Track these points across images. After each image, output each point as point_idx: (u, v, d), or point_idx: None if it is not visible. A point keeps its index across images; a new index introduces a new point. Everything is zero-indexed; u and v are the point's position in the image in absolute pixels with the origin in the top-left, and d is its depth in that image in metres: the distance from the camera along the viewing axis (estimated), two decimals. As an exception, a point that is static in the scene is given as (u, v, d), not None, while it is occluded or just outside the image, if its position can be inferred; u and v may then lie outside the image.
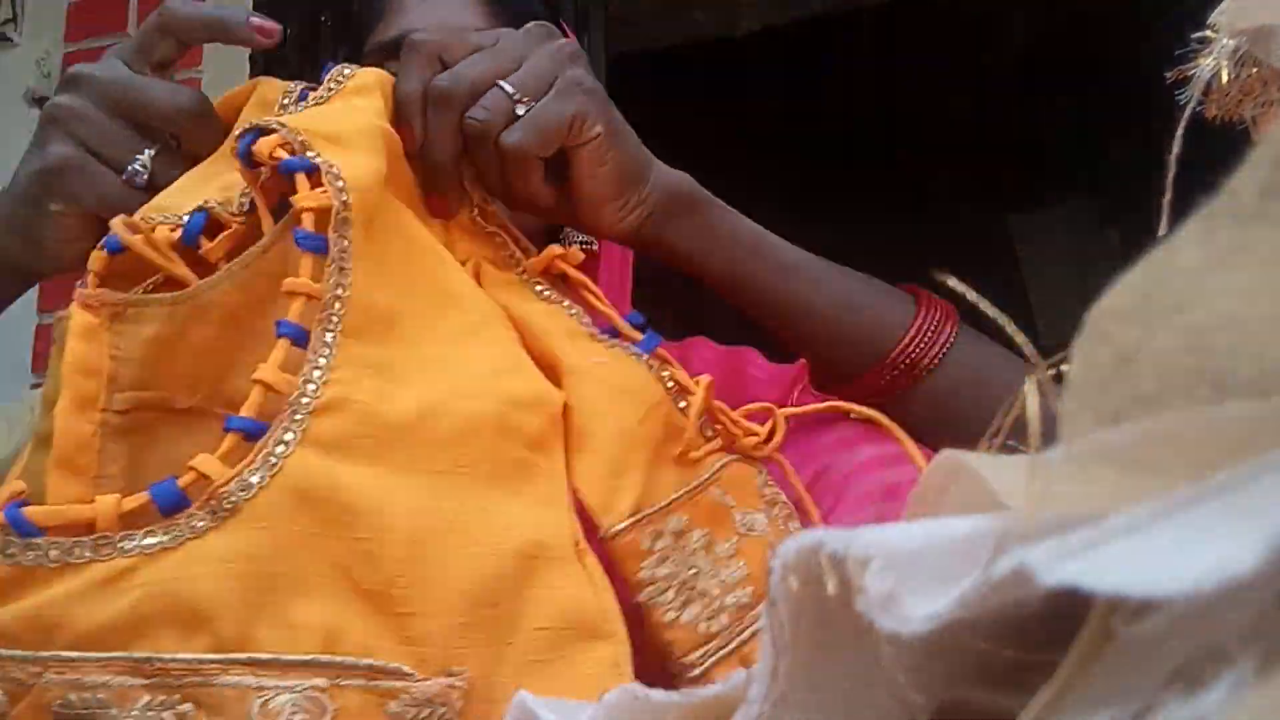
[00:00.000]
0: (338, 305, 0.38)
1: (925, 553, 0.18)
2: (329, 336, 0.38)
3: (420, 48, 0.50)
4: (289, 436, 0.36)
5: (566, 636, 0.37)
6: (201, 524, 0.34)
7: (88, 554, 0.33)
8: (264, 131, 0.41)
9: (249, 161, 0.40)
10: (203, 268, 0.41)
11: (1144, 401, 0.17)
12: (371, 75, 0.48)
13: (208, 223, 0.41)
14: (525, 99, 0.48)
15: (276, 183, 0.41)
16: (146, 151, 0.45)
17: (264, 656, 0.32)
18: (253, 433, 0.36)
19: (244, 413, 0.36)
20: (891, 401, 0.56)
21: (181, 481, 0.35)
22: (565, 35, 0.75)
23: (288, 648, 0.33)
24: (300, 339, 0.38)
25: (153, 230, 0.40)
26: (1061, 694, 0.16)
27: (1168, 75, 0.39)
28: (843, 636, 0.19)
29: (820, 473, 0.54)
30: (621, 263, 0.76)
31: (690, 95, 3.21)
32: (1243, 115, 0.39)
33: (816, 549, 0.19)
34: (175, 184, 0.44)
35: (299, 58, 1.65)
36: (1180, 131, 0.33)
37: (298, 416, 0.36)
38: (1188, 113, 0.36)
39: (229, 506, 0.34)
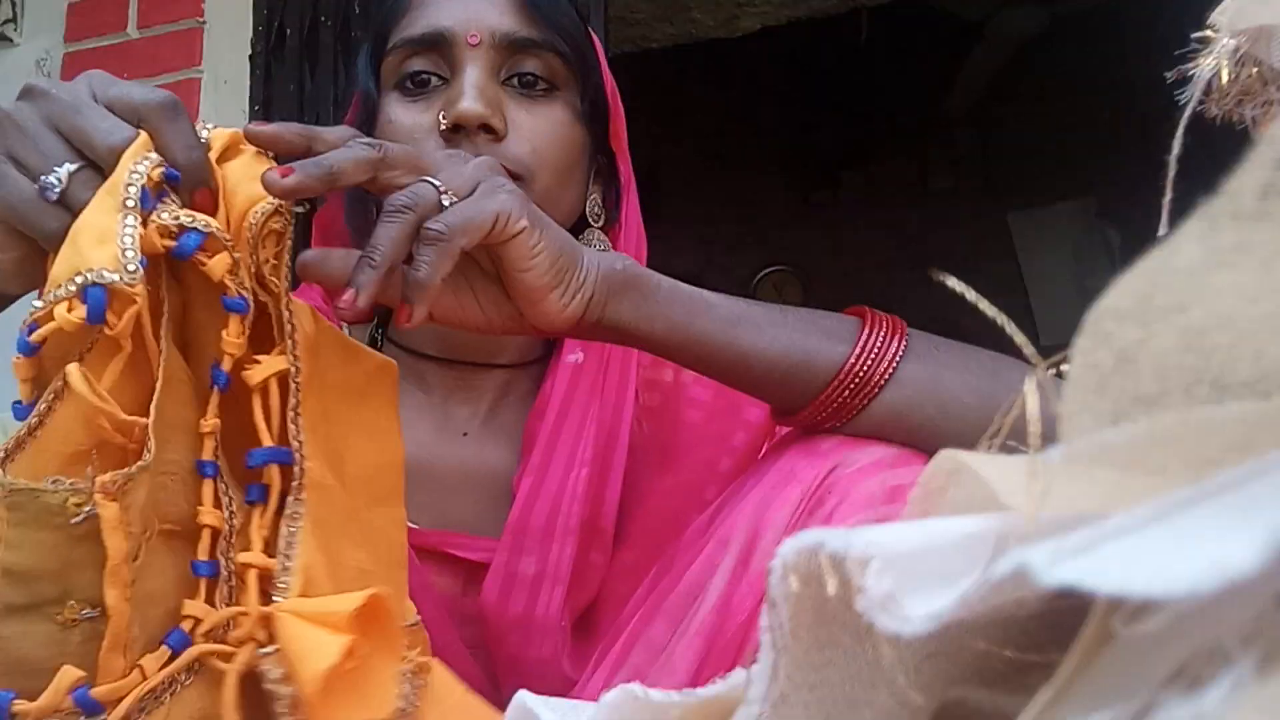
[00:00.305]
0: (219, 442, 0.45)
1: (925, 553, 0.18)
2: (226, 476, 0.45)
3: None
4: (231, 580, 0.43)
5: None
6: (181, 684, 0.41)
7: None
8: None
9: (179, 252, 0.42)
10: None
11: (1144, 401, 0.17)
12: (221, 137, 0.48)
13: (109, 297, 0.41)
14: (450, 193, 0.50)
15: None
16: (66, 166, 0.44)
17: None
18: (213, 574, 0.43)
19: (201, 556, 0.43)
20: (853, 420, 0.57)
21: (185, 627, 0.42)
22: (592, 40, 0.74)
23: None
24: (215, 476, 0.44)
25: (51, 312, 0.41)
26: (1061, 694, 0.16)
27: (1168, 75, 0.39)
28: (843, 636, 0.19)
29: (831, 471, 0.55)
30: None
31: (690, 95, 3.21)
32: (1243, 115, 0.39)
33: (816, 549, 0.19)
34: (69, 240, 0.43)
35: (299, 56, 1.65)
36: (1180, 131, 0.33)
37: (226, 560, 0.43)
38: (1188, 113, 0.36)
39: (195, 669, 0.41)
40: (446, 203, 0.50)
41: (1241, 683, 0.14)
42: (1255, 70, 0.37)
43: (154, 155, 0.43)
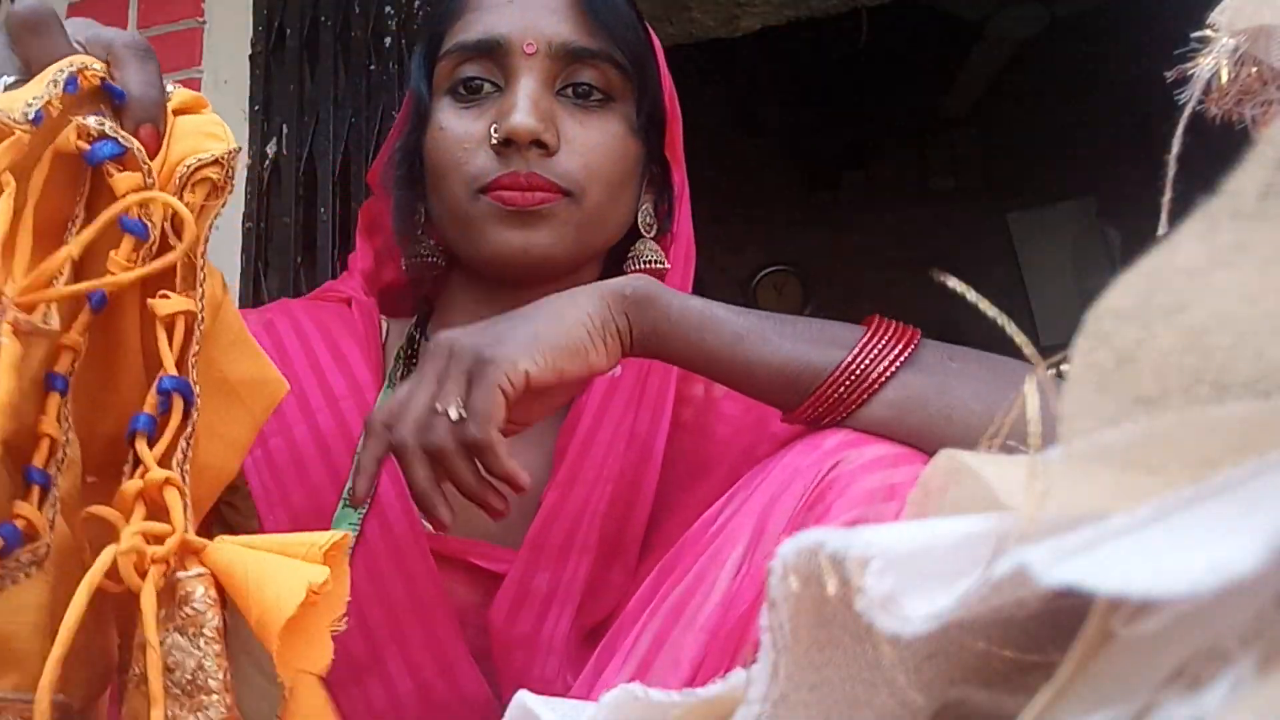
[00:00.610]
0: (77, 361, 0.43)
1: (925, 553, 0.18)
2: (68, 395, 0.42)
3: (371, 426, 0.55)
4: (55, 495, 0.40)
5: None
6: (14, 578, 0.38)
7: None
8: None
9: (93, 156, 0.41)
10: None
11: (1144, 401, 0.17)
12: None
13: None
14: (451, 405, 0.53)
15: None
16: (3, 78, 0.44)
17: (63, 700, 0.37)
18: (44, 484, 0.40)
19: (37, 463, 0.40)
20: (851, 416, 0.57)
21: (19, 525, 0.39)
22: (653, 47, 0.73)
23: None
24: (63, 391, 0.41)
25: None
26: (1061, 694, 0.16)
27: (1168, 75, 0.39)
28: (843, 637, 0.19)
29: (833, 467, 0.55)
30: (680, 290, 0.76)
31: (690, 95, 3.22)
32: (1242, 115, 0.39)
33: (816, 549, 0.19)
34: None
35: (299, 56, 1.65)
36: (1180, 131, 0.33)
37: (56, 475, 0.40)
38: (1187, 113, 0.36)
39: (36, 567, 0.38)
40: (454, 415, 0.53)
41: (1241, 683, 0.14)
42: (1255, 70, 0.37)
43: (99, 65, 0.42)
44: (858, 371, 0.57)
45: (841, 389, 0.57)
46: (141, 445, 0.41)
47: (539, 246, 0.66)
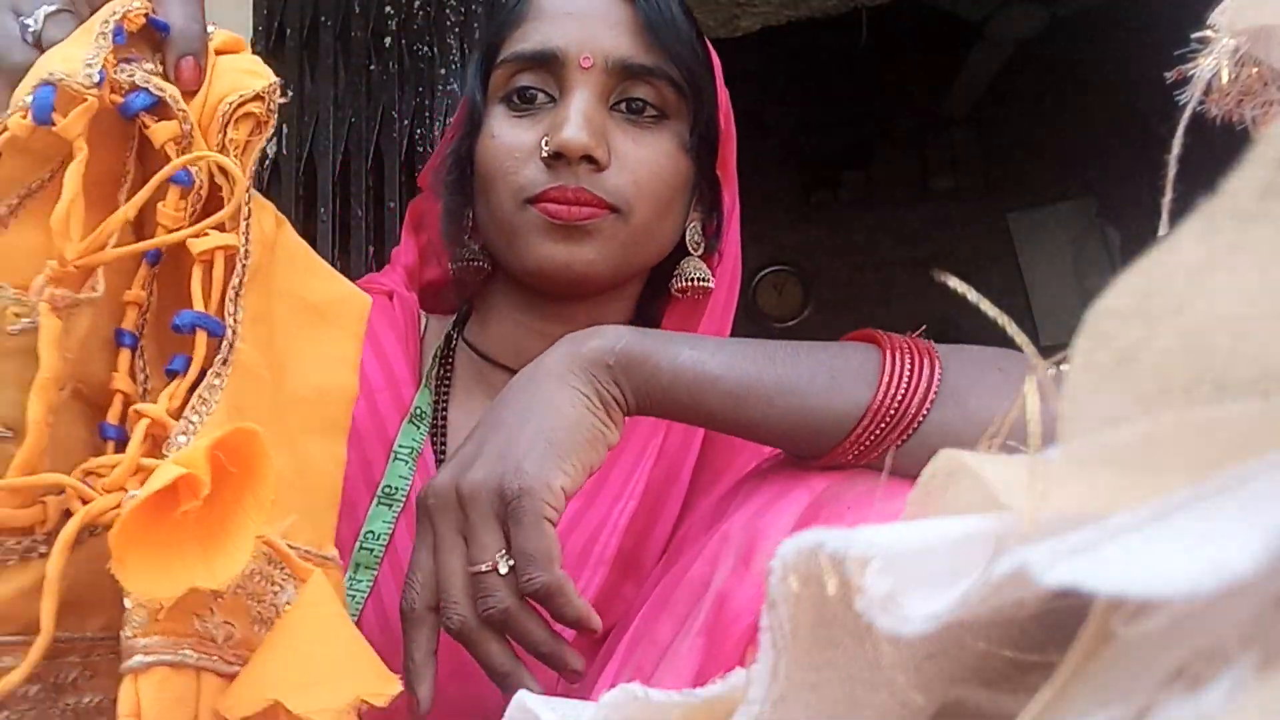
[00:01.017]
0: (149, 314, 0.42)
1: (925, 553, 0.18)
2: (143, 348, 0.42)
3: (410, 615, 0.51)
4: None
5: None
6: (96, 529, 0.38)
7: (41, 550, 0.37)
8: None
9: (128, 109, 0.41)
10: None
11: (1144, 401, 0.17)
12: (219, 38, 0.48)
13: (58, 97, 0.39)
14: (498, 558, 0.49)
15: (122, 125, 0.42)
16: (44, 8, 0.44)
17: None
18: (121, 440, 0.40)
19: (111, 419, 0.40)
20: (879, 460, 0.54)
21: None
22: (711, 63, 0.72)
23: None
24: (134, 346, 0.42)
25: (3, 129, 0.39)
26: (1061, 694, 0.16)
27: (1168, 75, 0.39)
28: (843, 637, 0.19)
29: (823, 494, 0.54)
30: (724, 309, 0.76)
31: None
32: (1243, 115, 0.39)
33: (816, 549, 0.19)
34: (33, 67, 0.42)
35: (299, 56, 1.65)
36: (1180, 131, 0.33)
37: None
38: (1188, 113, 0.36)
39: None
40: (504, 569, 0.49)
41: (1241, 683, 0.14)
42: (1255, 70, 0.37)
43: (139, 2, 0.42)
44: (878, 430, 0.53)
45: (858, 450, 0.53)
46: (171, 385, 0.40)
47: (583, 262, 0.65)
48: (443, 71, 1.66)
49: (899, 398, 0.53)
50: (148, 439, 0.39)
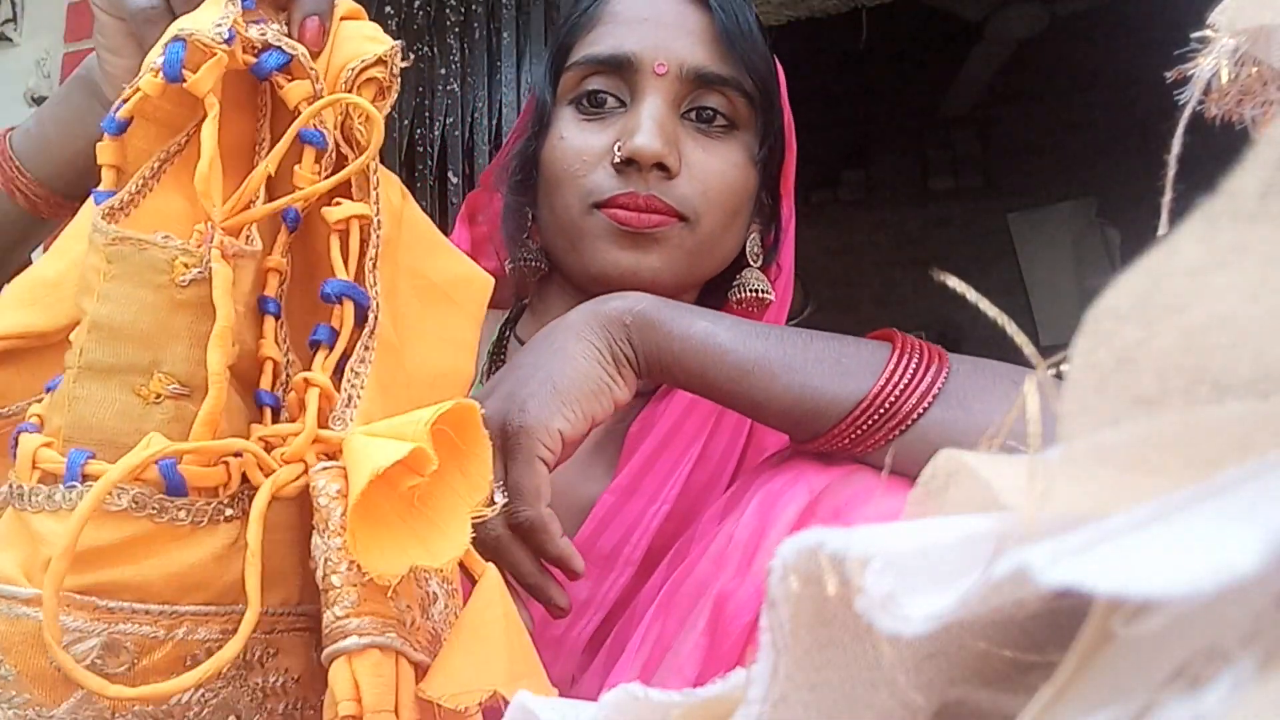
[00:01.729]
0: (286, 282, 0.41)
1: (925, 553, 0.18)
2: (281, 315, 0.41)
3: None
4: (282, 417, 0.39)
5: None
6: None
7: (227, 513, 0.35)
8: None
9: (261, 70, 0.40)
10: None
11: (1144, 401, 0.17)
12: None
13: (188, 53, 0.38)
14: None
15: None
16: None
17: (308, 608, 0.36)
18: (274, 407, 0.39)
19: (264, 386, 0.39)
20: (874, 451, 0.54)
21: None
22: (778, 77, 0.72)
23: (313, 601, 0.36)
24: (277, 314, 0.41)
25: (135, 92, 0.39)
26: (1061, 694, 0.16)
27: (1168, 75, 0.39)
28: (843, 637, 0.19)
29: (823, 493, 0.54)
30: (778, 322, 0.75)
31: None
32: (1242, 115, 0.39)
33: (816, 549, 0.19)
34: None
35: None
36: (1180, 131, 0.33)
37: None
38: (1187, 113, 0.36)
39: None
40: (498, 499, 0.50)
41: (1241, 683, 0.14)
42: (1255, 70, 0.37)
43: None
44: (876, 416, 0.53)
45: (857, 432, 0.54)
46: (319, 355, 0.40)
47: (649, 269, 0.65)
48: (443, 71, 1.66)
49: (899, 390, 0.53)
50: (306, 396, 0.38)
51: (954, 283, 0.20)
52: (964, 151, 3.59)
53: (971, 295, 0.19)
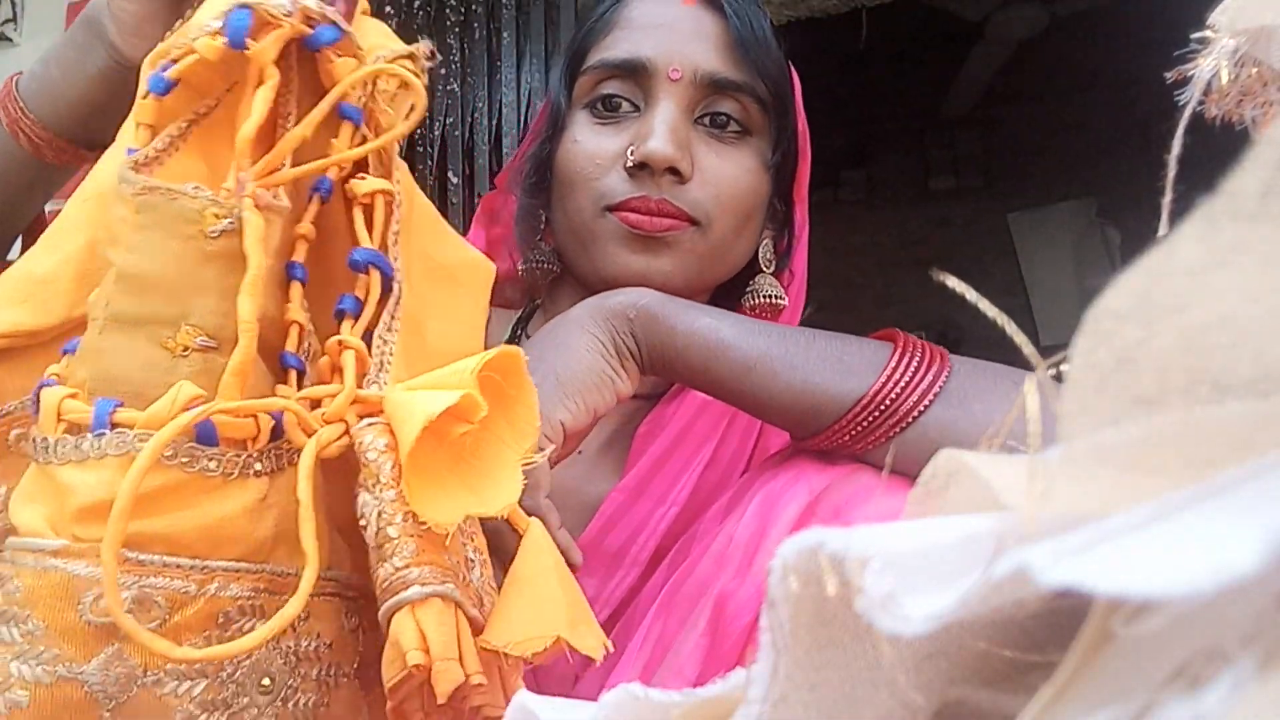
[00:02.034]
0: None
1: (925, 553, 0.18)
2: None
3: None
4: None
5: None
6: (281, 462, 0.36)
7: (256, 468, 0.35)
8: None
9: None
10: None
11: (1144, 401, 0.17)
12: None
13: (254, 21, 0.37)
14: None
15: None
16: None
17: (338, 574, 0.36)
18: (300, 370, 0.39)
19: (290, 349, 0.39)
20: (866, 454, 0.55)
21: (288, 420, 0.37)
22: (793, 84, 0.73)
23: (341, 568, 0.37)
24: (304, 280, 0.40)
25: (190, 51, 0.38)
26: (1061, 694, 0.16)
27: (1168, 75, 0.39)
28: (843, 637, 0.19)
29: (823, 493, 0.54)
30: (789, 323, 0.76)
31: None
32: (1242, 115, 0.39)
33: (816, 549, 0.19)
34: None
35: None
36: (1180, 131, 0.33)
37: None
38: (1187, 113, 0.36)
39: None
40: None
41: (1241, 683, 0.14)
42: (1255, 70, 0.37)
43: None
44: (876, 413, 0.53)
45: (857, 429, 0.54)
46: (346, 324, 0.40)
47: (660, 273, 0.65)
48: (443, 71, 1.66)
49: (900, 388, 0.53)
50: (343, 359, 0.38)
51: (954, 283, 0.20)
52: (965, 151, 3.59)
53: (971, 295, 0.19)
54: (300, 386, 0.39)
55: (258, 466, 0.35)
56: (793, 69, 0.74)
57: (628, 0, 0.70)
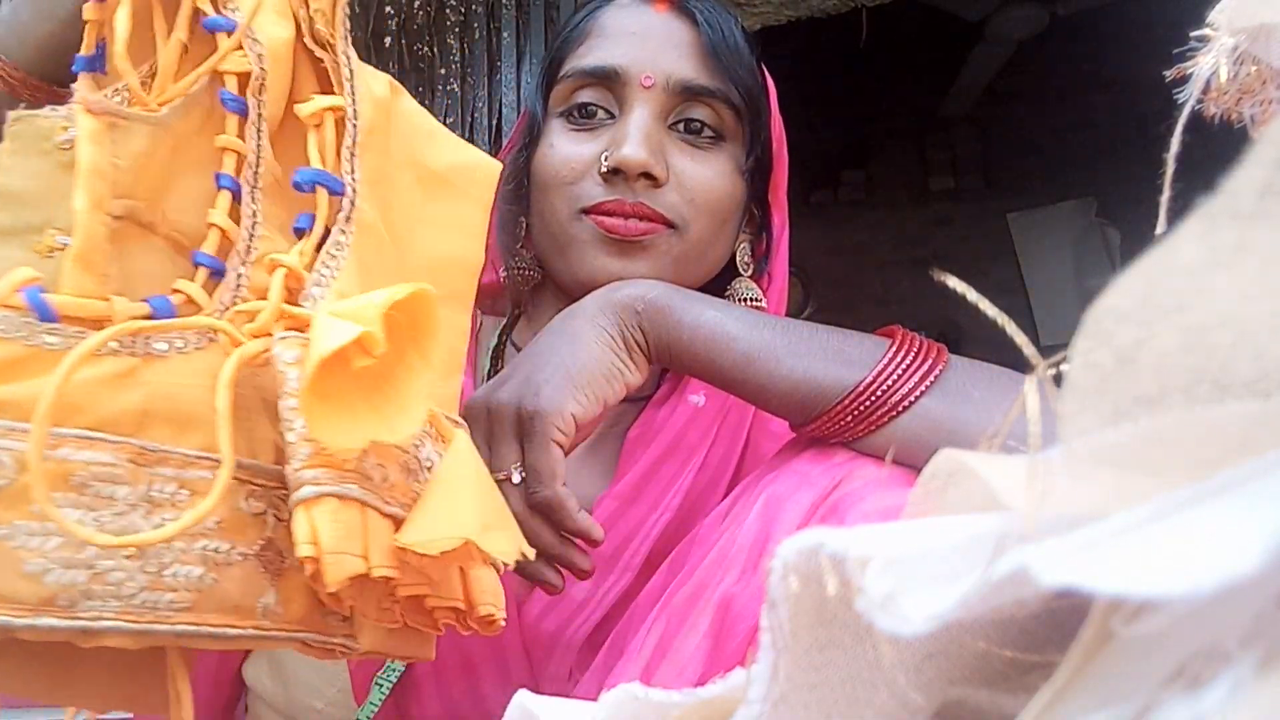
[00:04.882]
0: (260, 167, 0.43)
1: (925, 553, 0.18)
2: (255, 195, 0.43)
3: None
4: (242, 286, 0.41)
5: None
6: (183, 344, 0.39)
7: (113, 345, 0.37)
8: None
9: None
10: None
11: (1144, 401, 0.17)
12: None
13: None
14: (511, 469, 0.54)
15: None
16: None
17: (245, 461, 0.38)
18: (217, 271, 0.41)
19: (205, 250, 0.41)
20: (862, 440, 0.56)
21: (174, 300, 0.39)
22: (767, 89, 0.73)
23: (256, 457, 0.39)
24: (236, 191, 0.42)
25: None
26: (1061, 694, 0.16)
27: (1167, 74, 0.39)
28: (843, 637, 0.19)
29: (842, 482, 0.54)
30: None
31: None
32: (1242, 114, 0.39)
33: (817, 549, 0.19)
34: None
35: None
36: (1180, 130, 0.33)
37: (242, 269, 0.41)
38: (1187, 112, 0.36)
39: (210, 337, 0.39)
40: (516, 479, 0.54)
41: (1241, 683, 0.14)
42: (1254, 69, 0.37)
43: None
44: (870, 399, 0.55)
45: (850, 416, 0.55)
46: (301, 241, 0.42)
47: (635, 277, 0.66)
48: (443, 71, 1.66)
49: (894, 377, 0.55)
50: (274, 274, 0.40)
51: (954, 283, 0.20)
52: (964, 152, 3.59)
53: (971, 295, 0.19)
54: (217, 284, 0.41)
55: (114, 345, 0.37)
56: (767, 74, 0.75)
57: (602, 9, 0.72)
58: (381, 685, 0.64)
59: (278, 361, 0.37)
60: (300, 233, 0.42)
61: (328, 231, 0.42)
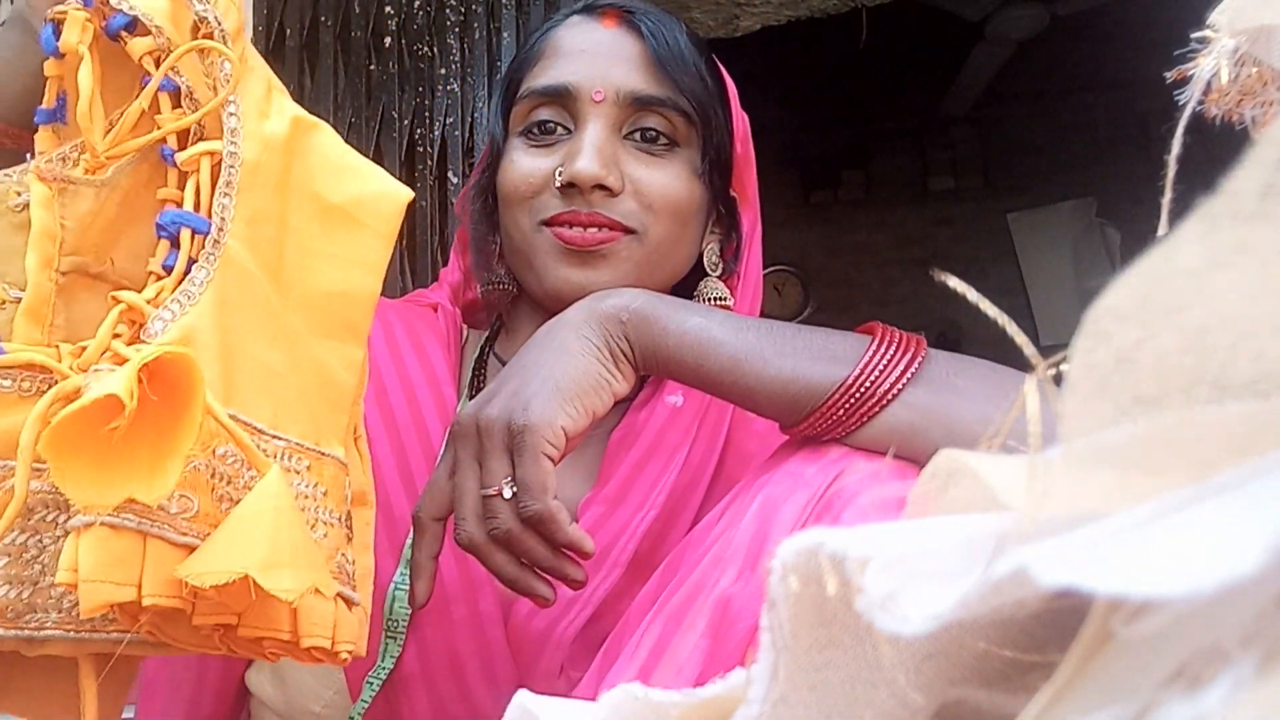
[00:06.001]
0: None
1: (925, 553, 0.18)
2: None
3: (420, 522, 0.58)
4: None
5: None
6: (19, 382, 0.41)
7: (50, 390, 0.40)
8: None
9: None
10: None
11: (1144, 401, 0.17)
12: None
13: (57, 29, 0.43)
14: (502, 485, 0.54)
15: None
16: None
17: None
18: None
19: (145, 296, 0.43)
20: (853, 435, 0.56)
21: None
22: (725, 90, 0.75)
23: None
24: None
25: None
26: (1061, 694, 0.16)
27: (1168, 75, 0.39)
28: (843, 637, 0.19)
29: (837, 478, 0.55)
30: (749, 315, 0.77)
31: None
32: (1242, 115, 0.39)
33: (816, 549, 0.19)
34: None
35: (299, 56, 1.65)
36: (1180, 131, 0.33)
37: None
38: (1187, 112, 0.36)
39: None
40: (507, 494, 0.54)
41: (1241, 683, 0.14)
42: (1255, 70, 0.37)
43: None
44: (859, 393, 0.56)
45: (841, 411, 0.56)
46: (165, 279, 0.44)
47: (599, 286, 0.67)
48: (443, 71, 1.66)
49: (877, 372, 0.56)
50: (131, 325, 0.42)
51: (954, 283, 0.20)
52: (964, 151, 3.60)
53: (971, 295, 0.19)
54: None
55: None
56: (724, 74, 0.77)
57: (554, 29, 0.75)
58: (372, 684, 0.65)
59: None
60: (169, 269, 0.44)
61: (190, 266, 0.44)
